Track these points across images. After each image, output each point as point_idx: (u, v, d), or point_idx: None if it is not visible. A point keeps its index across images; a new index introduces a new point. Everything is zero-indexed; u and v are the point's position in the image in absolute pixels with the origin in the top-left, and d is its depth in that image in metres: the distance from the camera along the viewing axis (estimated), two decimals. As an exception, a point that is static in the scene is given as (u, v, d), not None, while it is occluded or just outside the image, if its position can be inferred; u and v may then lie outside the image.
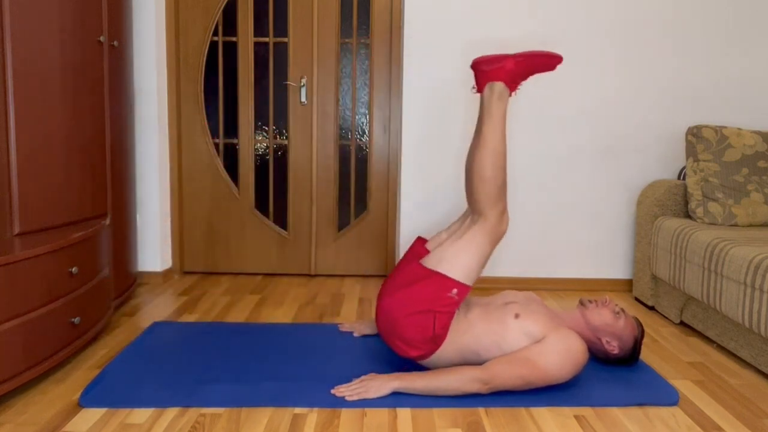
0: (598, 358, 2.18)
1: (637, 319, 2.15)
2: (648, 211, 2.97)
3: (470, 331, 1.98)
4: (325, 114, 3.38)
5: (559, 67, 3.14)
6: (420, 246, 2.16)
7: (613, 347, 2.09)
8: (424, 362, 2.02)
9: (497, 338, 1.96)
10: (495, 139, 2.03)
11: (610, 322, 2.07)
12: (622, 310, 2.12)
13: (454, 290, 1.95)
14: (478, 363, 1.99)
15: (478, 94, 2.37)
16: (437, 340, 1.96)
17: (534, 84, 3.16)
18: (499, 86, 2.07)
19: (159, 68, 3.13)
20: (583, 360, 1.94)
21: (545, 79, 3.16)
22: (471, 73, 3.16)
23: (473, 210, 2.06)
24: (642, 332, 2.13)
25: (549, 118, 3.19)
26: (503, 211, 2.03)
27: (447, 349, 1.98)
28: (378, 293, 2.13)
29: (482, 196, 2.01)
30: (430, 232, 3.24)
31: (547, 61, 2.10)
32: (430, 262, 2.02)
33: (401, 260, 2.15)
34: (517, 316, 1.99)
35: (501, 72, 2.07)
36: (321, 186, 3.43)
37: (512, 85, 2.09)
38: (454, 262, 1.98)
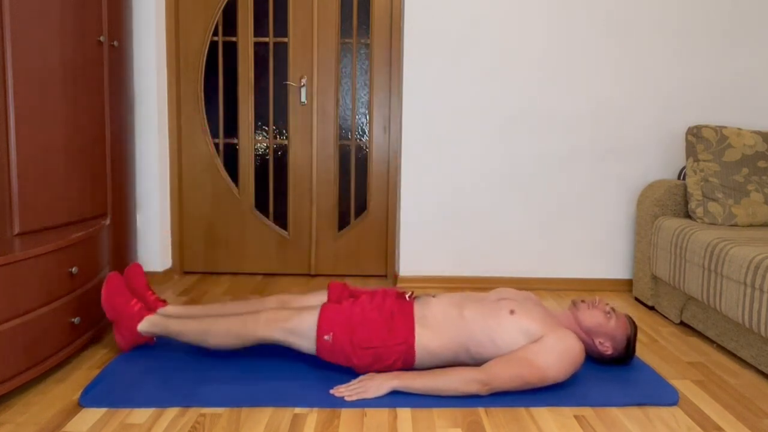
0: (592, 359, 2.18)
1: (629, 318, 2.15)
2: (648, 211, 2.97)
3: (463, 326, 1.98)
4: (325, 114, 3.38)
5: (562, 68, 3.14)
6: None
7: (607, 347, 2.09)
8: (415, 363, 2.01)
9: (492, 334, 1.96)
10: (195, 337, 2.10)
11: (602, 322, 2.07)
12: (613, 309, 2.11)
13: (325, 337, 1.98)
14: (471, 360, 2.00)
15: None
16: (389, 342, 1.96)
17: (534, 84, 3.16)
18: (144, 329, 2.15)
19: (159, 68, 3.13)
20: (580, 360, 1.94)
21: (545, 80, 3.16)
22: (470, 72, 3.16)
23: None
24: (635, 331, 2.13)
25: (549, 118, 3.19)
26: (262, 324, 2.05)
27: (435, 345, 1.97)
28: None
29: (251, 343, 2.09)
30: (429, 232, 3.24)
31: (113, 285, 2.16)
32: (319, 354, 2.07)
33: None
34: (512, 312, 1.99)
35: (127, 333, 2.16)
36: (321, 186, 3.43)
37: (136, 317, 2.15)
38: (301, 344, 2.03)
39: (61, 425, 1.71)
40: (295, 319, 2.02)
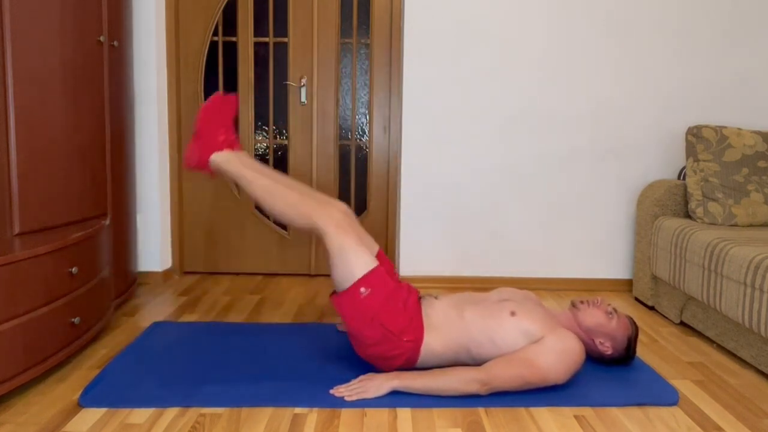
0: (592, 359, 2.18)
1: (630, 318, 2.15)
2: (648, 211, 2.97)
3: (464, 328, 1.98)
4: (325, 114, 3.38)
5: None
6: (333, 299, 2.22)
7: (607, 348, 2.09)
8: (417, 364, 2.01)
9: (493, 335, 1.96)
10: (255, 190, 2.09)
11: (603, 322, 2.07)
12: (615, 309, 2.11)
13: (361, 289, 1.95)
14: (471, 360, 2.00)
15: None
16: (402, 336, 1.95)
17: (534, 84, 3.16)
18: (214, 162, 2.14)
19: (159, 68, 3.13)
20: (581, 361, 1.94)
21: (545, 80, 3.16)
22: (470, 72, 3.16)
23: (310, 233, 2.08)
24: (636, 331, 2.13)
25: (549, 118, 3.19)
26: (322, 208, 2.04)
27: (437, 346, 1.98)
28: None
29: (295, 224, 2.07)
30: (429, 232, 3.24)
31: (216, 107, 2.15)
32: (337, 288, 2.03)
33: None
34: (513, 313, 1.99)
35: (200, 156, 2.15)
36: (321, 186, 3.43)
37: (218, 146, 2.14)
38: (342, 274, 1.98)
39: (61, 425, 1.71)
40: (357, 248, 1.98)
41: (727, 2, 3.14)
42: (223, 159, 2.13)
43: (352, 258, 1.97)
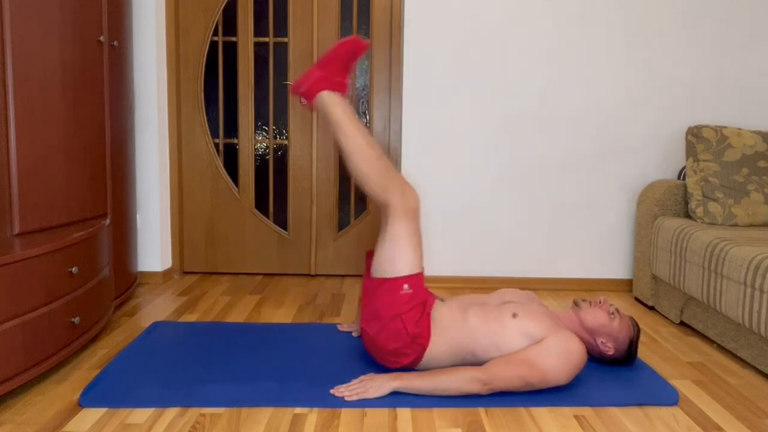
0: (594, 359, 2.18)
1: (632, 319, 2.15)
2: (648, 211, 2.97)
3: (468, 331, 1.98)
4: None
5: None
6: (369, 259, 2.18)
7: (609, 348, 2.09)
8: (420, 366, 2.02)
9: (496, 338, 1.96)
10: (348, 142, 2.06)
11: (605, 322, 2.07)
12: (617, 310, 2.11)
13: (405, 285, 1.96)
14: (474, 363, 2.00)
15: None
16: (418, 339, 1.97)
17: (534, 84, 3.16)
18: (322, 98, 2.13)
19: (159, 68, 3.13)
20: (582, 362, 1.94)
21: (545, 80, 3.16)
22: (470, 72, 3.16)
23: (379, 206, 2.08)
24: (638, 332, 2.13)
25: (549, 118, 3.19)
26: (402, 189, 2.03)
27: (442, 350, 1.98)
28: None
29: (372, 191, 2.04)
30: (429, 232, 3.24)
31: (351, 48, 2.14)
32: (377, 272, 2.03)
33: (363, 278, 2.16)
34: (515, 315, 1.99)
35: (315, 85, 2.13)
36: (321, 186, 3.43)
37: (334, 86, 2.13)
38: (391, 260, 1.98)
39: (61, 425, 1.71)
40: (416, 245, 1.99)
41: (728, 3, 3.14)
42: (333, 101, 2.12)
43: (410, 251, 1.98)
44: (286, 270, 3.47)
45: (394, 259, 1.98)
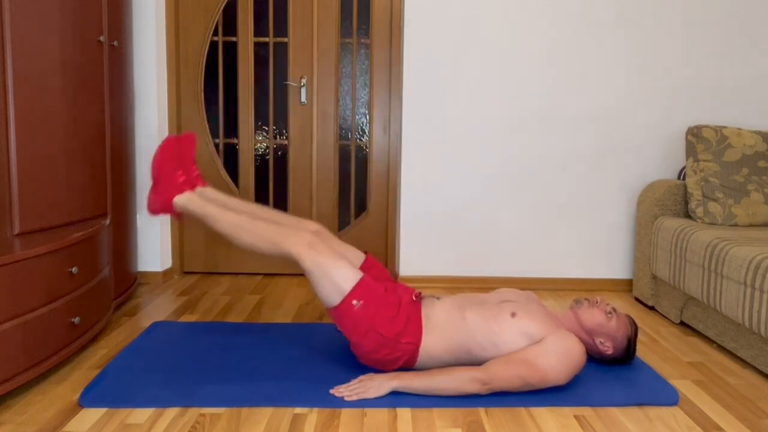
0: (593, 358, 2.18)
1: (630, 318, 2.15)
2: (648, 211, 2.97)
3: (466, 330, 1.98)
4: (325, 114, 3.38)
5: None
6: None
7: (607, 347, 2.09)
8: (418, 365, 2.02)
9: (494, 337, 1.96)
10: (219, 226, 2.08)
11: (603, 322, 2.07)
12: (614, 309, 2.11)
13: (354, 302, 1.96)
14: (471, 362, 2.00)
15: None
16: (402, 338, 1.96)
17: (534, 84, 3.16)
18: (178, 204, 2.14)
19: (159, 68, 3.13)
20: (581, 362, 1.94)
21: (545, 80, 3.16)
22: (470, 72, 3.16)
23: (283, 259, 2.08)
24: (636, 331, 2.13)
25: (549, 118, 3.19)
26: (291, 232, 2.02)
27: (439, 348, 1.98)
28: None
29: (268, 252, 2.04)
30: (429, 232, 3.24)
31: (170, 150, 2.15)
32: (327, 304, 2.02)
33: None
34: (513, 314, 1.99)
35: (162, 199, 2.15)
36: (321, 186, 3.43)
37: (179, 188, 2.14)
38: (328, 289, 1.97)
39: (61, 425, 1.71)
40: (337, 263, 1.97)
41: (728, 3, 3.14)
42: (186, 200, 2.14)
43: (335, 274, 1.97)
44: (285, 270, 3.47)
45: (327, 286, 1.97)
